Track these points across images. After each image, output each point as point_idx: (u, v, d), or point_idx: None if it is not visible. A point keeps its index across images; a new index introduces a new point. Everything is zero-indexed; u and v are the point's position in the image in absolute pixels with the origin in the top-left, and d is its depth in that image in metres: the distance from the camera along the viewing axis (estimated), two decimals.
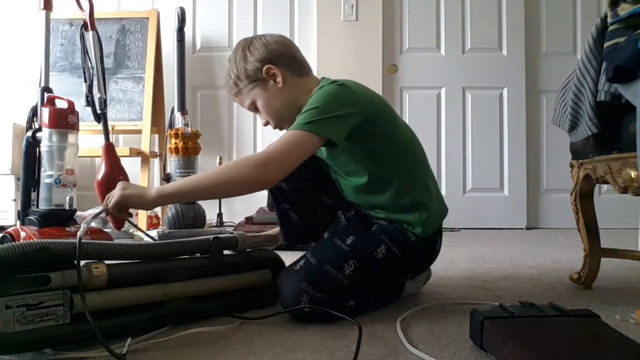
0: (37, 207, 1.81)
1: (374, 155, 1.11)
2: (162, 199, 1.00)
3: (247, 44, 1.16)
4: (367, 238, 1.10)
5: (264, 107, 1.16)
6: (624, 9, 1.10)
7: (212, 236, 1.05)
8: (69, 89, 2.78)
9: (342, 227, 1.21)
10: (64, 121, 1.79)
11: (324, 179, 1.25)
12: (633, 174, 1.08)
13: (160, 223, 3.00)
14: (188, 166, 2.60)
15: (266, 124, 1.19)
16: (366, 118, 1.06)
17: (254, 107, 1.18)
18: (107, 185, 2.08)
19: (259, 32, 3.34)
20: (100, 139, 2.18)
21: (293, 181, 1.20)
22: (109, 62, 3.00)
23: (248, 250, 1.13)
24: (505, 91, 3.34)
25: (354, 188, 1.18)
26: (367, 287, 1.07)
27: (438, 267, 1.70)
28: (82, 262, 0.86)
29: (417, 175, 1.16)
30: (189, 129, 2.64)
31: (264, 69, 1.13)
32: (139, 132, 2.99)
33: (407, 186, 1.12)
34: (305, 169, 1.11)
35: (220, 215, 3.02)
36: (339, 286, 1.00)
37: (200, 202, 2.65)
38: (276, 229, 1.34)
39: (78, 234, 0.83)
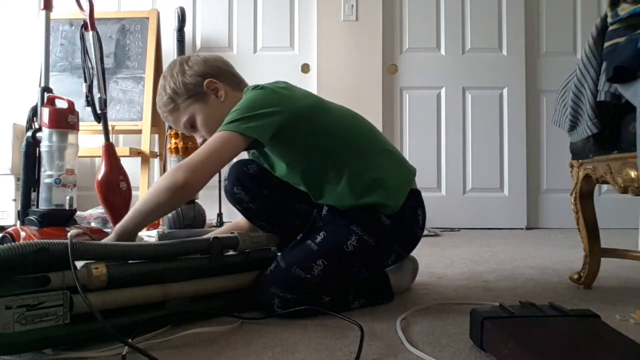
0: (37, 207, 1.81)
1: (316, 148, 1.10)
2: (124, 236, 1.00)
3: (184, 59, 1.14)
4: (337, 232, 1.07)
5: (204, 123, 1.12)
6: (624, 9, 1.10)
7: (212, 236, 1.05)
8: (69, 89, 2.78)
9: (315, 227, 1.18)
10: (64, 121, 1.79)
11: (291, 189, 1.20)
12: (633, 174, 1.08)
13: (160, 223, 3.00)
14: None
15: (203, 142, 1.10)
16: (294, 115, 1.05)
17: (189, 125, 1.14)
18: (107, 185, 2.08)
19: (260, 33, 3.40)
20: (100, 139, 2.17)
21: (259, 200, 1.16)
22: (109, 62, 3.00)
23: (248, 250, 1.13)
24: (505, 91, 3.35)
25: (312, 186, 1.16)
26: (340, 282, 1.07)
27: (438, 267, 1.71)
28: (82, 263, 0.86)
29: (365, 155, 1.13)
30: None
31: (205, 82, 1.11)
32: (139, 132, 2.99)
33: (359, 169, 1.10)
34: (268, 186, 1.14)
35: (220, 215, 3.02)
36: (309, 285, 1.02)
37: (200, 202, 2.65)
38: None
39: (69, 235, 0.83)
